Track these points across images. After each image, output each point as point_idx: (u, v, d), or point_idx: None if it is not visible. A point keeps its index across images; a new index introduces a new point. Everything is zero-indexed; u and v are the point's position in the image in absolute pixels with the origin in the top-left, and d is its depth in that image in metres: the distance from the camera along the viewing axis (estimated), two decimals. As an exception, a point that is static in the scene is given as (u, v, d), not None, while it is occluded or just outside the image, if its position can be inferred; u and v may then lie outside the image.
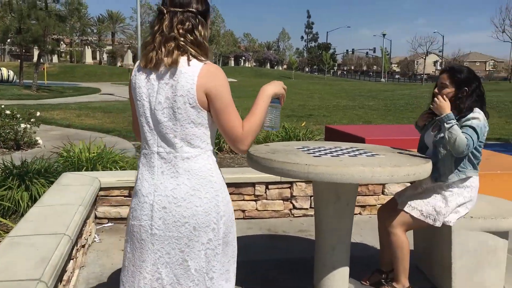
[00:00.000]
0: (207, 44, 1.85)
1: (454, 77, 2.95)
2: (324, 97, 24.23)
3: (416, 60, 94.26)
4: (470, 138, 2.78)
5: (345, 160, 2.75)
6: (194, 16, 1.80)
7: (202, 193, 1.80)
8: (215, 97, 1.76)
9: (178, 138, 1.79)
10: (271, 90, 1.94)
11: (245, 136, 1.80)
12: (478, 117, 2.86)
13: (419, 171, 2.69)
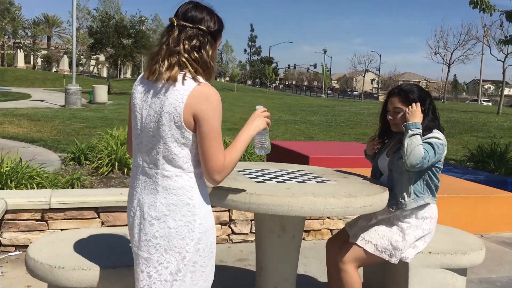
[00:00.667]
0: (213, 65, 1.82)
1: (407, 98, 2.66)
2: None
3: (355, 78, 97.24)
4: (426, 153, 2.52)
5: (293, 187, 2.36)
6: (204, 34, 1.78)
7: (178, 215, 1.77)
8: (202, 121, 1.72)
9: (161, 155, 1.78)
10: (254, 131, 1.94)
11: (225, 168, 1.77)
12: (438, 136, 2.59)
13: (377, 201, 2.35)
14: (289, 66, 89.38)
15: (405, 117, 2.63)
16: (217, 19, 1.85)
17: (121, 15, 36.77)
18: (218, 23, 1.84)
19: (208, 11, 1.83)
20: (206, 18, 1.79)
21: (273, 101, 33.29)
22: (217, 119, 1.74)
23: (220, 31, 1.87)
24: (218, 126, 1.75)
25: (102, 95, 22.48)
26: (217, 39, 1.86)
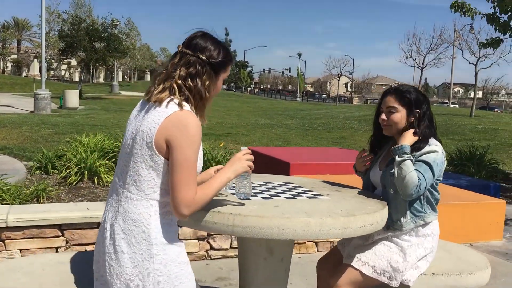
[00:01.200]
0: (208, 96, 1.80)
1: (403, 98, 2.41)
2: (242, 115, 23.78)
3: (329, 81, 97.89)
4: (422, 178, 2.24)
5: (282, 205, 2.07)
6: (202, 63, 1.77)
7: (133, 241, 1.71)
8: (175, 147, 1.67)
9: (129, 174, 1.75)
10: (233, 174, 1.86)
11: (195, 202, 1.70)
12: (435, 150, 2.32)
13: (377, 220, 2.08)
14: (264, 70, 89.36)
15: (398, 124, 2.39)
16: (224, 51, 1.83)
17: (92, 18, 35.91)
18: (224, 55, 1.82)
19: (214, 42, 1.82)
20: (209, 48, 1.79)
21: (249, 105, 33.04)
22: (191, 149, 1.68)
23: (224, 64, 1.84)
24: (192, 157, 1.68)
25: (73, 100, 21.83)
26: (219, 71, 1.83)
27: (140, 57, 60.19)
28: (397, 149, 2.30)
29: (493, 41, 6.97)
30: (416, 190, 2.20)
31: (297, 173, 5.71)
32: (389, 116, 2.43)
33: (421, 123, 2.40)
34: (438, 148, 2.33)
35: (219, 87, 1.89)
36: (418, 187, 2.20)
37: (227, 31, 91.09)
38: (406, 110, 2.41)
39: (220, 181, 1.81)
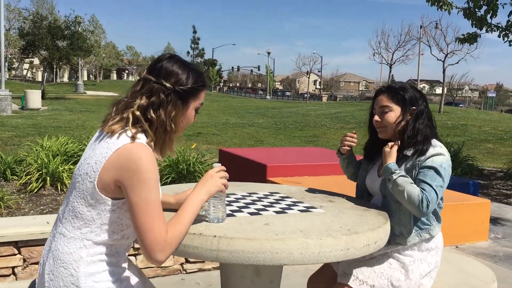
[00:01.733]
0: (174, 129, 1.58)
1: (396, 95, 2.15)
2: (212, 114, 23.40)
3: (298, 79, 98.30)
4: (428, 187, 1.97)
5: (273, 222, 1.78)
6: (167, 91, 1.55)
7: (60, 284, 1.52)
8: (127, 188, 1.45)
9: (68, 207, 1.57)
10: (206, 195, 1.62)
11: (168, 245, 1.48)
12: (441, 152, 2.07)
13: (381, 236, 1.82)
14: (233, 68, 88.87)
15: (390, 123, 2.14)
16: (194, 76, 1.61)
17: (55, 16, 34.74)
18: (194, 81, 1.59)
19: (182, 65, 1.60)
20: (176, 72, 1.57)
21: (219, 103, 32.65)
22: (146, 188, 1.44)
23: (195, 91, 1.61)
24: (149, 197, 1.45)
25: (35, 101, 21.00)
26: (189, 100, 1.60)
27: (106, 55, 58.81)
28: (384, 170, 2.07)
29: (470, 36, 6.86)
30: (425, 205, 1.94)
31: (274, 175, 5.45)
32: (383, 116, 2.17)
33: (419, 121, 2.14)
34: (444, 151, 2.08)
35: (190, 118, 1.65)
36: (426, 200, 1.94)
37: (194, 29, 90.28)
38: (401, 108, 2.15)
39: (193, 207, 1.58)
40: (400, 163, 2.10)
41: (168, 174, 6.49)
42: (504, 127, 18.12)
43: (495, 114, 26.10)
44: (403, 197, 1.97)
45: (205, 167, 6.86)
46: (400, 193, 1.97)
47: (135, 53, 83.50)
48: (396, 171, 2.02)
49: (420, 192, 1.95)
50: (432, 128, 2.18)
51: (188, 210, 1.57)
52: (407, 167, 2.08)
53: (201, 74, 1.64)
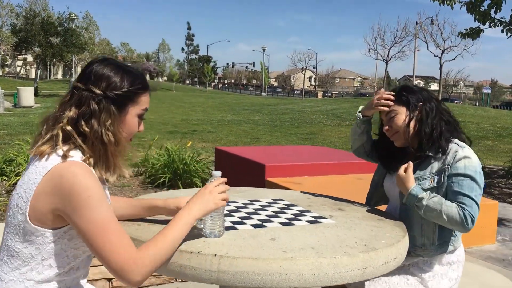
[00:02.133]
0: (114, 140, 1.35)
1: (399, 97, 1.97)
2: (207, 111, 23.17)
3: (293, 76, 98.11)
4: (469, 201, 1.79)
5: (280, 236, 1.59)
6: (97, 98, 1.32)
7: None
8: (71, 215, 1.24)
9: (2, 247, 1.35)
10: (199, 211, 1.42)
11: (140, 264, 1.27)
12: (468, 155, 1.87)
13: (401, 252, 1.63)
14: (228, 65, 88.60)
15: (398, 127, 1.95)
16: (129, 77, 1.39)
17: (48, 12, 34.33)
18: (129, 83, 1.38)
19: (115, 67, 1.39)
20: (106, 76, 1.35)
21: (214, 100, 32.41)
22: (91, 208, 1.25)
23: (132, 94, 1.39)
24: (98, 216, 1.25)
25: (28, 98, 20.72)
26: (126, 105, 1.39)
27: (100, 52, 58.36)
28: (408, 200, 1.86)
29: (473, 31, 6.69)
30: (470, 221, 1.77)
31: (273, 175, 5.26)
32: (391, 122, 1.98)
33: (430, 117, 1.94)
34: (470, 153, 1.88)
35: (131, 126, 1.44)
36: (470, 216, 1.76)
37: (189, 25, 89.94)
38: (406, 108, 1.96)
39: (182, 225, 1.38)
40: (423, 166, 1.92)
41: (164, 174, 6.29)
42: (502, 123, 18.01)
43: (492, 111, 26.02)
44: (443, 220, 1.79)
45: (201, 166, 6.68)
46: (438, 216, 1.79)
47: (130, 49, 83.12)
48: (423, 196, 1.83)
49: (459, 209, 1.77)
50: (449, 123, 1.98)
51: (175, 227, 1.37)
52: (433, 172, 1.89)
53: (138, 76, 1.43)
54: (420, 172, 1.93)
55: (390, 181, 2.08)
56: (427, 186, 1.89)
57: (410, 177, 1.86)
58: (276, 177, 5.26)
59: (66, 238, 1.34)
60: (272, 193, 2.33)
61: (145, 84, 1.44)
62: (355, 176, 5.46)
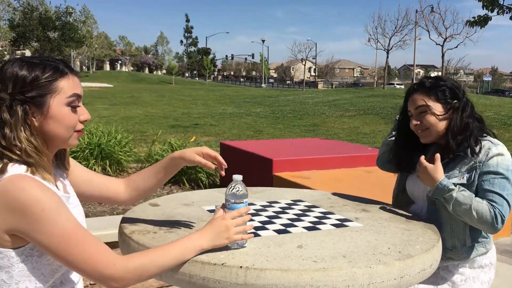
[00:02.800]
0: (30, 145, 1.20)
1: (433, 90, 1.83)
2: (208, 104, 23.03)
3: (292, 67, 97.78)
4: (500, 199, 1.69)
5: (307, 243, 1.49)
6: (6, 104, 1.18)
7: None
8: (29, 234, 1.14)
9: None
10: (209, 244, 1.33)
11: (121, 270, 1.18)
12: (501, 152, 1.77)
13: (436, 257, 1.53)
14: (227, 57, 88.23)
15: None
16: (38, 68, 1.22)
17: (45, 6, 34.07)
18: (39, 74, 1.21)
19: (20, 65, 1.22)
20: (11, 76, 1.20)
21: (214, 93, 32.26)
22: (49, 221, 1.13)
23: (46, 86, 1.22)
24: (59, 227, 1.14)
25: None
26: (42, 98, 1.22)
27: (98, 46, 58.11)
28: (436, 192, 1.74)
29: (480, 19, 6.54)
30: (500, 220, 1.66)
31: (281, 170, 5.16)
32: (422, 118, 1.85)
33: (465, 115, 1.83)
34: (504, 150, 1.78)
35: (64, 118, 1.26)
36: (500, 215, 1.66)
37: (187, 18, 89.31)
38: (442, 104, 1.84)
39: (186, 248, 1.30)
40: (452, 165, 1.81)
41: (168, 170, 6.19)
42: (506, 111, 17.85)
43: (495, 99, 25.84)
44: (472, 217, 1.67)
45: (206, 161, 6.57)
46: (467, 212, 1.68)
47: (128, 43, 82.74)
48: (453, 187, 1.72)
49: (490, 206, 1.66)
50: (480, 121, 1.88)
51: (175, 247, 1.29)
52: (463, 171, 1.79)
53: (48, 64, 1.25)
54: (449, 172, 1.82)
55: (412, 181, 1.97)
56: (455, 182, 1.78)
57: (438, 168, 1.75)
58: (284, 172, 5.16)
59: (36, 255, 1.21)
60: (289, 193, 2.22)
61: (58, 69, 1.26)
62: (364, 169, 5.35)
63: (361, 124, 15.49)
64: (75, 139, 1.31)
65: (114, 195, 1.61)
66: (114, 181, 1.62)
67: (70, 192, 1.40)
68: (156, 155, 6.69)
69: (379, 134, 13.26)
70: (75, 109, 1.28)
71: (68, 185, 1.42)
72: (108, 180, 1.61)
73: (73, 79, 1.29)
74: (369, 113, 18.17)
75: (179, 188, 6.05)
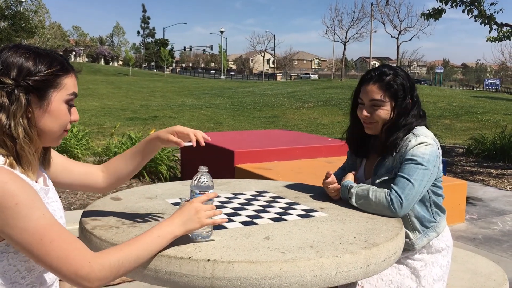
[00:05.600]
0: (23, 135, 1.15)
1: (390, 88, 1.85)
2: (167, 96, 22.71)
3: (251, 58, 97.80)
4: (404, 183, 1.72)
5: (274, 234, 1.48)
6: (7, 89, 1.14)
7: None
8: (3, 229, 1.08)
9: None
10: (180, 229, 1.29)
11: (96, 269, 1.12)
12: (423, 141, 1.79)
13: (400, 245, 1.56)
14: (185, 48, 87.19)
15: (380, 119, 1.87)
16: (45, 62, 1.20)
17: (-7, -5, 32.58)
18: (46, 67, 1.19)
19: (25, 52, 1.19)
20: (16, 62, 1.16)
21: (173, 85, 31.84)
22: (23, 215, 1.08)
23: (51, 79, 1.20)
24: (34, 223, 1.09)
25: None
26: (45, 91, 1.19)
27: (51, 36, 56.15)
28: (342, 195, 1.87)
29: (435, 11, 6.72)
30: (397, 204, 1.69)
31: (243, 161, 5.15)
32: (373, 111, 1.87)
33: (412, 114, 1.87)
34: (428, 139, 1.80)
35: (61, 114, 1.24)
36: (397, 199, 1.69)
37: (144, 8, 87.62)
38: (395, 102, 1.86)
39: (158, 237, 1.25)
40: (385, 162, 1.86)
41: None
42: (457, 102, 18.50)
43: (447, 90, 26.72)
44: (371, 205, 1.73)
45: (166, 153, 6.47)
46: (367, 203, 1.74)
47: (82, 33, 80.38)
48: (352, 184, 1.80)
49: (387, 192, 1.71)
50: (419, 117, 1.91)
51: (147, 238, 1.24)
52: (393, 166, 1.83)
53: (56, 58, 1.24)
54: (382, 168, 1.86)
55: (359, 179, 1.99)
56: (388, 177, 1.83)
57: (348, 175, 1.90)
58: (246, 163, 5.15)
59: (12, 252, 1.18)
60: (254, 184, 2.21)
61: (65, 65, 1.26)
62: (325, 159, 5.42)
63: (320, 116, 15.68)
64: (61, 138, 1.29)
65: (94, 183, 1.57)
66: (93, 168, 1.59)
67: (49, 185, 1.35)
68: (115, 147, 6.54)
69: (337, 125, 13.47)
70: (70, 107, 1.28)
71: (48, 178, 1.37)
72: (88, 168, 1.57)
73: (74, 78, 1.28)
74: (327, 104, 18.41)
75: (139, 182, 5.95)
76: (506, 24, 6.97)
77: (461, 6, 6.56)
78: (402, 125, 1.84)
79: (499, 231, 4.41)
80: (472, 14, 6.71)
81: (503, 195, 5.77)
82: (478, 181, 6.55)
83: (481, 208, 5.18)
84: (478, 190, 6.01)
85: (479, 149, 8.46)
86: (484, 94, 26.25)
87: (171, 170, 6.28)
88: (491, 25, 6.79)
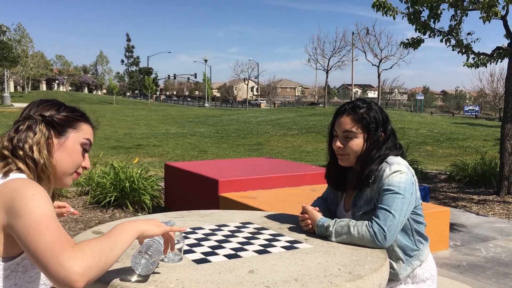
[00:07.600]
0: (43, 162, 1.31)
1: (362, 120, 1.88)
2: (151, 124, 22.65)
3: (235, 86, 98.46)
4: (385, 215, 1.72)
5: (258, 268, 1.47)
6: (33, 121, 1.35)
7: None
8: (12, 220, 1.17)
9: None
10: (141, 227, 1.30)
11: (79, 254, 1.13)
12: (398, 169, 1.80)
13: (384, 276, 1.56)
14: (169, 76, 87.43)
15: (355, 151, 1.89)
16: (68, 108, 1.45)
17: (-24, 24, 32.52)
18: (68, 111, 1.43)
19: (56, 101, 1.45)
20: (46, 105, 1.41)
21: (157, 113, 31.81)
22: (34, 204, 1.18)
23: (71, 120, 1.42)
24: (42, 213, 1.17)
25: (-45, 115, 19.37)
26: (65, 128, 1.40)
27: (34, 65, 55.92)
28: (319, 233, 1.84)
29: (414, 41, 6.89)
30: (380, 236, 1.70)
31: (227, 190, 5.13)
32: (346, 143, 1.89)
33: (386, 146, 1.89)
34: (401, 167, 1.82)
35: (74, 153, 1.41)
36: (380, 231, 1.70)
37: (128, 37, 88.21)
38: (367, 135, 1.89)
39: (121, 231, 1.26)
40: (363, 194, 1.87)
41: (110, 193, 6.00)
42: (438, 129, 18.79)
43: (428, 117, 27.16)
44: (354, 240, 1.73)
45: (150, 183, 6.41)
46: (350, 238, 1.74)
47: (65, 62, 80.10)
48: (329, 223, 1.80)
49: (368, 225, 1.72)
50: (395, 149, 1.93)
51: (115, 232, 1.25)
52: (370, 197, 1.84)
53: (79, 110, 1.49)
54: (360, 200, 1.87)
55: (339, 212, 2.00)
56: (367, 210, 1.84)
57: (314, 212, 1.88)
58: (230, 192, 5.13)
59: (20, 271, 1.26)
60: (238, 215, 2.20)
61: (85, 115, 1.48)
62: (309, 187, 5.43)
63: (304, 143, 15.77)
64: (71, 179, 1.43)
65: None
66: None
67: None
68: (97, 177, 6.47)
69: (321, 152, 13.54)
70: (84, 152, 1.44)
71: None
72: None
73: (91, 129, 1.49)
74: (311, 131, 18.55)
75: (122, 212, 5.87)
76: (483, 53, 7.17)
77: (438, 36, 6.75)
78: (376, 157, 1.85)
79: (483, 257, 4.44)
80: (450, 43, 6.90)
81: (485, 221, 5.82)
82: (460, 207, 6.61)
83: (464, 234, 5.21)
84: (461, 216, 6.06)
85: (461, 175, 8.56)
86: (464, 121, 26.75)
87: (155, 199, 6.22)
88: (469, 54, 6.98)
